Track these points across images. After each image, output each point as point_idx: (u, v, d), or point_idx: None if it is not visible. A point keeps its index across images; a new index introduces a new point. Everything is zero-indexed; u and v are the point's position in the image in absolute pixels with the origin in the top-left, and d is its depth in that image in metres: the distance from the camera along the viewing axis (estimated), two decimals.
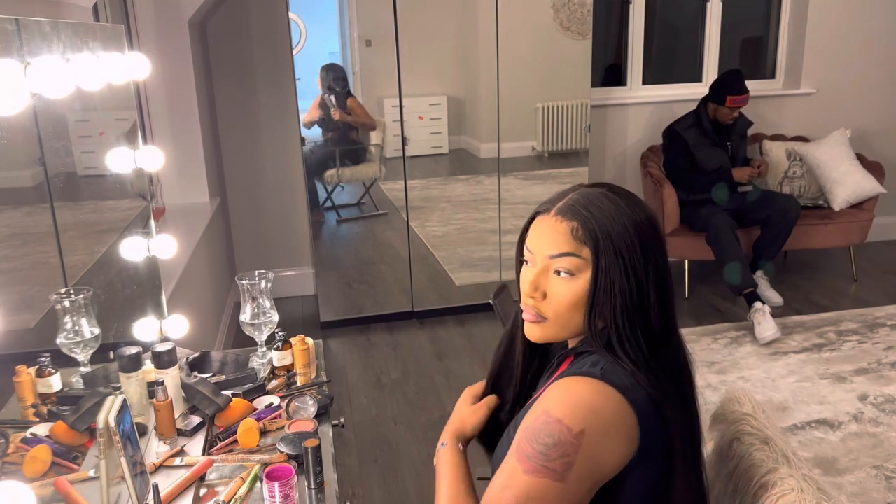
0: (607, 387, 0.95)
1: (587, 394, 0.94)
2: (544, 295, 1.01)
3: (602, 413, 0.93)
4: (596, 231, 0.97)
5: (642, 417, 0.95)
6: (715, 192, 3.86)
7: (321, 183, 3.78)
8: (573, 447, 0.92)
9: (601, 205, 0.99)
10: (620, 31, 4.50)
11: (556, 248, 0.99)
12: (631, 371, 0.96)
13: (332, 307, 3.84)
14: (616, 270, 0.96)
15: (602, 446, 0.93)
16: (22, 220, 1.74)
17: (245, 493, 1.28)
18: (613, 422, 0.94)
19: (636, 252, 0.97)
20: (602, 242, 0.97)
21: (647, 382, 0.96)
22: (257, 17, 3.82)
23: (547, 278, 1.01)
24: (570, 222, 0.99)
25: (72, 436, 1.39)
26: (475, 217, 3.91)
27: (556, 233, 1.00)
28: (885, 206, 4.60)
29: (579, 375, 0.97)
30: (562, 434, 0.92)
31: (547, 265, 1.01)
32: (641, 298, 0.98)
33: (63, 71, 1.40)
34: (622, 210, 0.99)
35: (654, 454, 0.97)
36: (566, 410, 0.93)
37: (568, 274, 0.99)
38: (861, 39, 4.56)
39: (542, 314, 1.02)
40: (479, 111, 3.80)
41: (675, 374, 1.02)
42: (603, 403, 0.94)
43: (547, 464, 0.92)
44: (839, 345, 3.44)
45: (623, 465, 0.96)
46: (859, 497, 2.38)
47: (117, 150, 1.86)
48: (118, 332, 1.92)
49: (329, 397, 1.60)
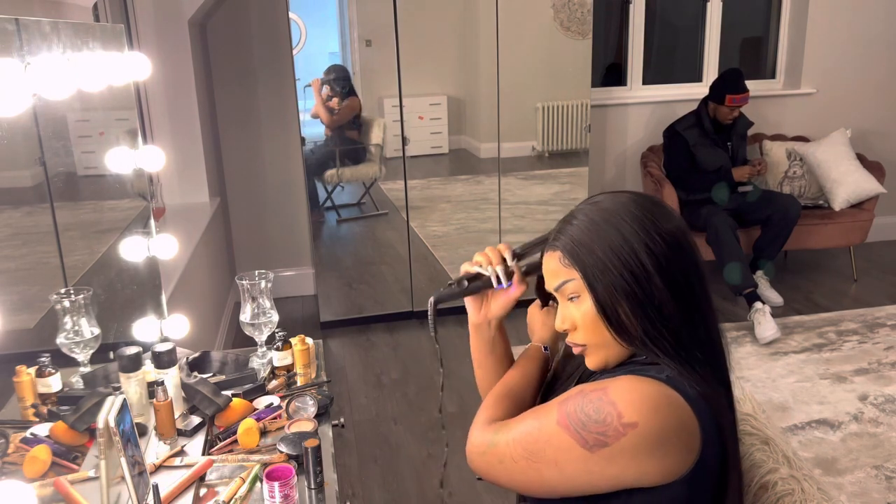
0: (674, 392, 0.92)
1: (653, 392, 0.91)
2: (574, 325, 1.02)
3: (663, 415, 0.90)
4: (575, 250, 0.99)
5: (704, 429, 0.93)
6: (715, 192, 3.86)
7: (321, 183, 3.78)
8: (616, 433, 0.90)
9: (578, 222, 1.01)
10: (620, 31, 4.50)
11: (555, 281, 1.02)
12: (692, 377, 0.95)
13: (332, 307, 3.84)
14: (607, 274, 0.96)
15: (651, 447, 0.89)
16: (22, 220, 1.74)
17: (245, 493, 1.28)
18: (674, 428, 0.90)
19: (622, 249, 0.96)
20: (585, 257, 0.98)
21: (707, 395, 0.94)
22: (257, 17, 3.82)
23: (568, 308, 1.03)
24: (555, 253, 1.02)
25: (72, 436, 1.39)
26: (475, 217, 3.91)
27: (551, 265, 1.03)
28: (885, 206, 4.60)
29: (644, 376, 0.95)
30: (609, 416, 0.90)
31: (561, 297, 1.03)
32: (647, 292, 0.95)
33: (63, 71, 1.40)
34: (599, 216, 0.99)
35: (711, 467, 0.95)
36: (625, 398, 0.91)
37: (576, 297, 1.01)
38: (861, 39, 4.56)
39: (579, 343, 1.03)
40: (479, 111, 3.80)
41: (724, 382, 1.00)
42: (667, 406, 0.91)
43: (581, 431, 0.92)
44: (839, 345, 3.44)
45: (678, 473, 0.92)
46: (859, 497, 2.38)
47: (117, 150, 1.86)
48: (118, 332, 1.92)
49: (329, 397, 1.60)
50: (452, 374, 3.29)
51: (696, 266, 0.99)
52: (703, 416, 0.93)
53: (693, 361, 0.96)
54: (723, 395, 0.98)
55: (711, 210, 3.77)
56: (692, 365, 0.96)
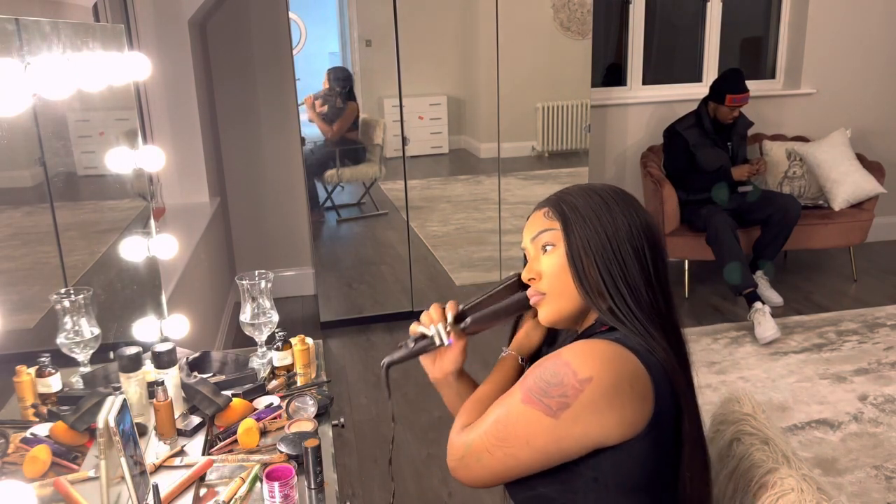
0: (623, 348, 0.99)
1: (603, 348, 0.98)
2: (539, 275, 1.10)
3: (616, 367, 0.96)
4: (562, 206, 1.09)
5: (656, 382, 0.98)
6: (715, 192, 3.86)
7: (321, 183, 3.78)
8: (574, 390, 0.95)
9: (570, 189, 1.13)
10: (620, 31, 4.50)
11: (534, 230, 1.12)
12: (644, 340, 1.01)
13: (332, 307, 3.84)
14: (585, 228, 1.06)
15: (609, 399, 0.95)
16: (22, 220, 1.74)
17: (245, 493, 1.28)
18: (627, 378, 0.96)
19: (603, 212, 1.07)
20: (568, 211, 1.08)
21: (656, 350, 1.01)
22: (257, 17, 3.82)
23: (538, 261, 1.11)
24: (542, 209, 1.13)
25: (72, 436, 1.39)
26: (475, 217, 3.91)
27: (533, 221, 1.13)
28: (885, 206, 4.60)
29: (595, 338, 1.02)
30: (566, 376, 0.96)
31: (535, 249, 1.12)
32: (616, 251, 1.05)
33: (63, 71, 1.40)
34: (589, 187, 1.12)
35: (665, 422, 1.00)
36: (578, 357, 0.97)
37: (550, 246, 1.09)
38: (861, 39, 4.56)
39: (541, 290, 1.10)
40: (479, 111, 3.80)
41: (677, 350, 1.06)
42: (618, 359, 0.97)
43: (543, 398, 0.97)
44: (839, 345, 3.44)
45: (638, 426, 0.97)
46: (859, 497, 2.38)
47: (117, 150, 1.86)
48: (118, 332, 1.92)
49: (329, 397, 1.60)
50: None
51: (662, 251, 1.09)
52: (653, 369, 0.99)
53: (649, 325, 1.03)
54: (674, 359, 1.03)
55: (711, 210, 3.77)
56: (645, 326, 1.03)
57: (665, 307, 1.06)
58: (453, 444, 1.09)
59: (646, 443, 0.98)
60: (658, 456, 1.00)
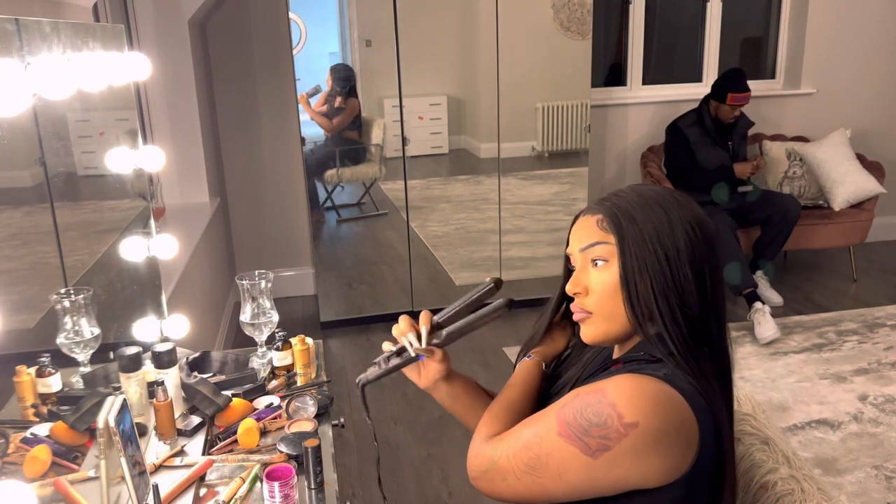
0: (672, 389, 0.92)
1: (651, 390, 0.91)
2: (587, 290, 1.02)
3: (663, 412, 0.90)
4: (618, 216, 1.00)
5: (702, 426, 0.92)
6: (715, 191, 3.86)
7: (321, 183, 3.78)
8: (618, 434, 0.89)
9: (626, 194, 1.03)
10: (620, 31, 4.50)
11: (586, 241, 1.02)
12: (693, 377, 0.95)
13: (332, 307, 3.84)
14: (643, 248, 0.97)
15: (653, 446, 0.89)
16: (22, 220, 1.74)
17: (245, 493, 1.28)
18: (674, 424, 0.90)
19: (664, 229, 0.98)
20: (625, 224, 0.99)
21: (705, 391, 0.94)
22: (257, 17, 3.82)
23: (586, 273, 1.02)
24: (595, 216, 1.03)
25: (72, 436, 1.39)
26: (475, 217, 3.91)
27: (585, 228, 1.04)
28: (885, 206, 4.60)
29: (642, 374, 0.94)
30: (610, 418, 0.89)
31: (584, 260, 1.03)
32: (675, 276, 0.97)
33: (63, 71, 1.40)
34: (649, 194, 1.02)
35: (706, 467, 0.94)
36: (623, 398, 0.90)
37: (602, 262, 1.00)
38: (861, 39, 4.56)
39: (587, 308, 1.02)
40: (479, 111, 3.80)
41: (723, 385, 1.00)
42: (666, 403, 0.91)
43: (583, 437, 0.91)
44: (839, 345, 3.44)
45: (679, 472, 0.92)
46: (859, 497, 2.38)
47: (117, 150, 1.86)
48: (118, 332, 1.91)
49: (329, 397, 1.60)
50: None
51: (720, 268, 1.01)
52: (701, 413, 0.93)
53: (698, 356, 0.97)
54: (720, 391, 0.98)
55: (711, 210, 3.77)
56: (696, 359, 0.96)
57: (718, 337, 1.00)
58: (477, 454, 1.02)
59: (684, 487, 0.93)
60: (693, 499, 0.95)
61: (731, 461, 0.99)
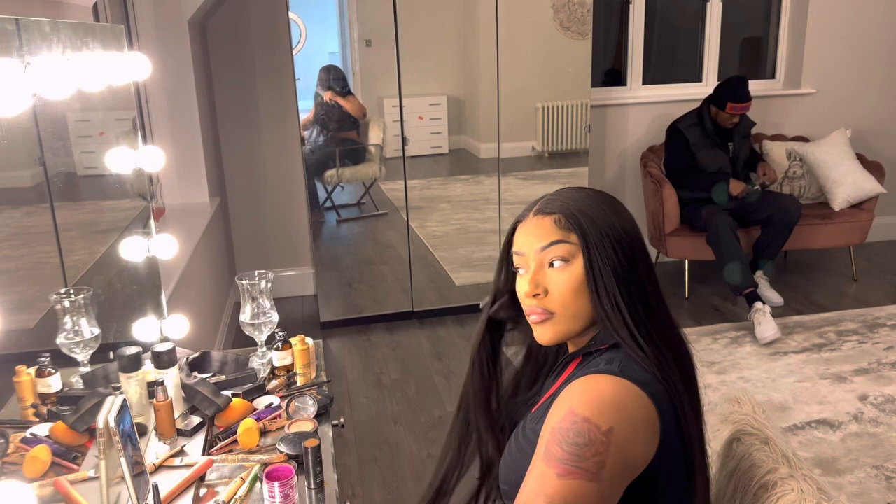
0: (628, 383, 0.95)
1: (611, 391, 0.94)
2: (546, 291, 1.03)
3: (628, 409, 0.93)
4: (577, 216, 1.02)
5: (662, 411, 0.96)
6: (715, 192, 3.86)
7: (321, 183, 3.78)
8: (604, 445, 0.91)
9: (574, 195, 1.06)
10: (620, 31, 4.50)
11: (545, 240, 1.03)
12: (646, 366, 0.97)
13: (332, 307, 3.84)
14: (603, 247, 1.00)
15: (631, 443, 0.92)
16: (22, 220, 1.74)
17: (245, 493, 1.28)
18: (639, 417, 0.93)
19: (616, 229, 1.02)
20: (585, 223, 1.02)
21: (663, 377, 0.97)
22: (257, 17, 3.82)
23: (543, 274, 1.03)
24: (551, 216, 1.04)
25: (72, 436, 1.39)
26: (475, 217, 3.91)
27: (541, 228, 1.04)
28: (885, 206, 4.60)
29: (597, 373, 0.97)
30: (591, 433, 0.91)
31: (540, 260, 1.04)
32: (633, 271, 1.01)
33: (63, 71, 1.40)
34: (593, 196, 1.06)
35: (673, 449, 0.98)
36: (592, 409, 0.92)
37: (562, 262, 1.02)
38: (861, 39, 4.56)
39: (549, 310, 1.03)
40: (479, 111, 3.80)
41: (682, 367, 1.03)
42: (627, 399, 0.94)
43: (580, 464, 0.90)
44: (839, 345, 3.44)
45: (648, 460, 0.95)
46: (859, 497, 2.38)
47: (117, 150, 1.86)
48: (118, 332, 1.91)
49: (329, 397, 1.60)
50: (452, 374, 3.30)
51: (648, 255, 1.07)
52: (660, 398, 0.96)
53: (659, 342, 1.00)
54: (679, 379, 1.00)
55: (711, 210, 3.77)
56: (657, 345, 0.99)
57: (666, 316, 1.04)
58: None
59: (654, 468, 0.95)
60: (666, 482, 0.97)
61: (697, 443, 1.01)
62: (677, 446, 0.98)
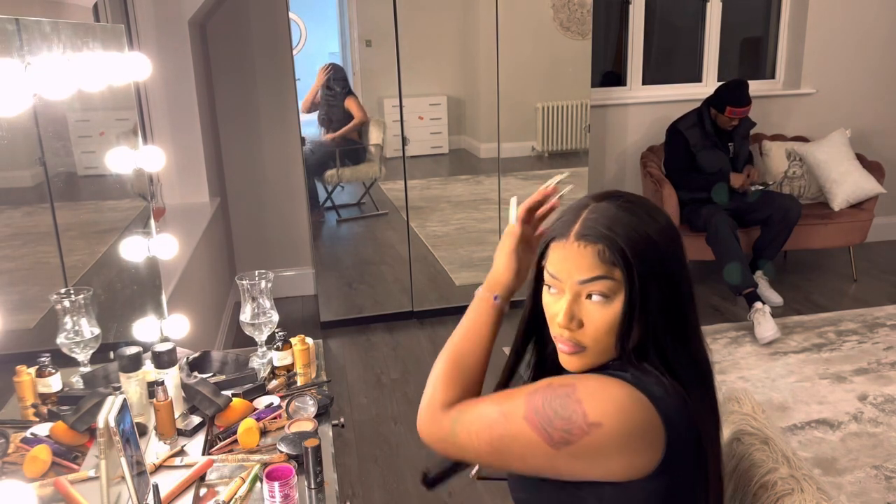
0: (638, 393, 0.92)
1: (620, 394, 0.91)
2: (581, 323, 0.96)
3: (628, 416, 0.90)
4: (624, 250, 0.93)
5: (670, 428, 0.92)
6: (715, 192, 3.86)
7: (321, 183, 3.78)
8: (580, 431, 0.90)
9: (621, 219, 0.95)
10: (620, 31, 4.50)
11: (587, 273, 0.95)
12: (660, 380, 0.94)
13: (332, 307, 3.84)
14: (652, 285, 0.94)
15: (615, 447, 0.90)
16: (22, 220, 1.74)
17: (245, 493, 1.28)
18: (638, 428, 0.90)
19: (667, 261, 0.95)
20: (633, 259, 0.93)
21: (677, 391, 0.94)
22: (257, 17, 3.82)
23: (580, 306, 0.96)
24: (594, 245, 0.94)
25: (72, 436, 1.39)
26: (475, 217, 3.91)
27: (583, 258, 0.95)
28: (884, 206, 4.60)
29: (612, 376, 0.94)
30: (575, 414, 0.90)
31: (578, 291, 0.96)
32: (675, 299, 0.96)
33: (63, 71, 1.40)
34: (643, 220, 0.96)
35: (680, 464, 0.94)
36: (591, 398, 0.91)
37: (602, 297, 0.94)
38: (861, 39, 4.56)
39: (581, 343, 0.97)
40: (479, 111, 3.80)
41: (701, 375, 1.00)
42: (632, 408, 0.91)
43: (546, 426, 0.91)
44: (839, 345, 3.44)
45: (644, 471, 0.92)
46: (859, 497, 2.38)
47: (117, 150, 1.86)
48: (118, 332, 1.92)
49: (329, 397, 1.60)
50: None
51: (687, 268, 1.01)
52: (670, 416, 0.92)
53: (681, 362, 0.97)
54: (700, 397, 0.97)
55: (711, 210, 3.77)
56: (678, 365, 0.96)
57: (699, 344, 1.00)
58: (434, 420, 1.03)
59: (654, 484, 0.93)
60: (669, 495, 0.95)
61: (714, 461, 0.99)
62: (687, 463, 0.96)
